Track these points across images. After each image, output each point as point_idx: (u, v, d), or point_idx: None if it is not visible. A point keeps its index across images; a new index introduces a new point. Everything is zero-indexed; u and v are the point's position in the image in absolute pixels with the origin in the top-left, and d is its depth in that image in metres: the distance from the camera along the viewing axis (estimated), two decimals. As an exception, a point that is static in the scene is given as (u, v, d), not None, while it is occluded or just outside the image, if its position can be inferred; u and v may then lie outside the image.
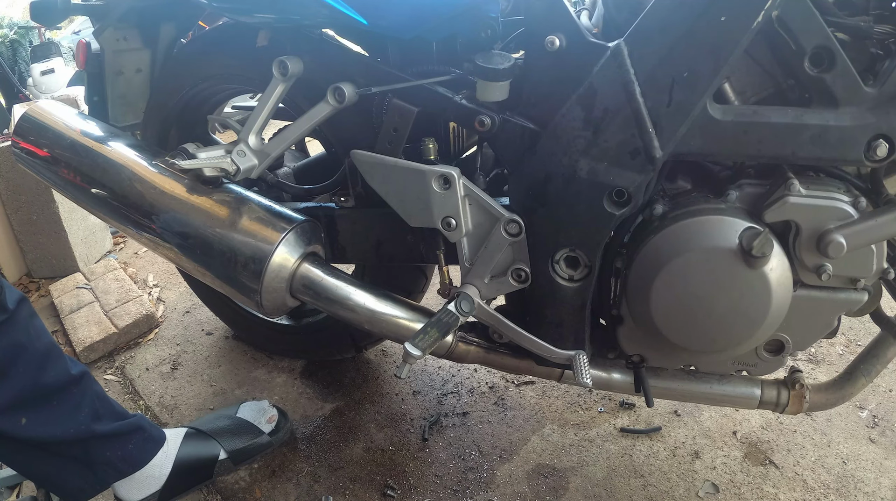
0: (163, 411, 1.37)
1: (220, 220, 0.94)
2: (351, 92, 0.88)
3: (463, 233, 0.87)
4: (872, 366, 0.89)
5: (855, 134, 0.67)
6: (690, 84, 0.69)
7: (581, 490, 1.12)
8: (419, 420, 1.29)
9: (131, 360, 1.55)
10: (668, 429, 1.24)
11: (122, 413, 1.00)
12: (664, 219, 0.79)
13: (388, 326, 0.97)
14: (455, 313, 0.87)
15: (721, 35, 0.67)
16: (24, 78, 4.36)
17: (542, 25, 0.75)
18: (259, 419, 1.20)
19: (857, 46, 0.69)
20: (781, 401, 0.91)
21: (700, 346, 0.82)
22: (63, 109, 1.15)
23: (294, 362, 1.49)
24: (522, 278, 0.87)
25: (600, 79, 0.73)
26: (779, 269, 0.74)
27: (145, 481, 1.03)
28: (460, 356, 0.99)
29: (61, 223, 1.85)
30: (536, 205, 0.82)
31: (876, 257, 0.74)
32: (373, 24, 0.82)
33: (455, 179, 0.84)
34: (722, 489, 1.11)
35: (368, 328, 0.97)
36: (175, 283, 1.86)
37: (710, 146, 0.72)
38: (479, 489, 1.13)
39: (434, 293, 1.48)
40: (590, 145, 0.76)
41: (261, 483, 1.17)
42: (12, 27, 4.81)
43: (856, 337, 1.50)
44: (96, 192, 1.04)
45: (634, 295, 0.81)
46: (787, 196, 0.72)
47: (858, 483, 1.11)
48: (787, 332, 0.82)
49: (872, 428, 1.23)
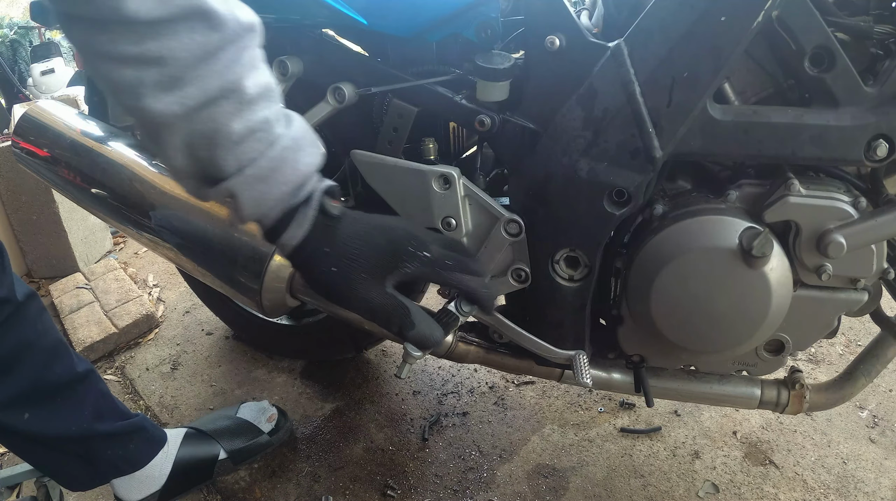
0: (163, 411, 1.37)
1: (220, 220, 0.94)
2: (351, 92, 0.88)
3: (463, 233, 0.87)
4: (872, 366, 0.89)
5: (855, 134, 0.67)
6: (690, 84, 0.69)
7: (581, 490, 1.12)
8: (419, 420, 1.29)
9: (131, 360, 1.55)
10: (668, 429, 1.24)
11: (124, 413, 1.00)
12: (664, 219, 0.79)
13: (388, 326, 0.97)
14: (455, 313, 0.87)
15: (721, 35, 0.67)
16: (24, 78, 4.36)
17: (542, 25, 0.75)
18: (259, 419, 1.20)
19: (857, 46, 0.69)
20: (781, 401, 0.91)
21: (700, 346, 0.82)
22: (63, 109, 1.15)
23: (294, 362, 1.49)
24: (522, 278, 0.87)
25: (600, 79, 0.73)
26: (779, 269, 0.74)
27: (145, 481, 1.03)
28: (460, 356, 0.99)
29: (61, 223, 1.85)
30: (536, 205, 0.82)
31: (876, 257, 0.74)
32: (373, 24, 0.82)
33: (455, 179, 0.84)
34: (722, 489, 1.11)
35: (368, 328, 0.97)
36: (175, 283, 1.86)
37: (710, 146, 0.72)
38: (479, 489, 1.13)
39: (434, 293, 1.48)
40: (590, 145, 0.76)
41: (261, 483, 1.17)
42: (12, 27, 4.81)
43: (856, 337, 1.50)
44: (96, 192, 1.04)
45: (634, 295, 0.81)
46: (787, 196, 0.72)
47: (858, 483, 1.11)
48: (787, 332, 0.82)
49: (872, 428, 1.23)
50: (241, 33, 0.51)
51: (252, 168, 0.55)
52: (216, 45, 0.49)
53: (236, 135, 0.54)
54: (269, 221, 0.61)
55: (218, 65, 0.50)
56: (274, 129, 0.56)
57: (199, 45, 0.49)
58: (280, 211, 0.60)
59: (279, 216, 0.60)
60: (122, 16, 0.45)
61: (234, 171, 0.55)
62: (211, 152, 0.54)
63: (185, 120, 0.52)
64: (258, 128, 0.55)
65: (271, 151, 0.56)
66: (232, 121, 0.53)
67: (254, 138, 0.55)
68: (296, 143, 0.58)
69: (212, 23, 0.48)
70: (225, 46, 0.50)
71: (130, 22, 0.46)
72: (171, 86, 0.49)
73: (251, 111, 0.54)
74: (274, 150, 0.56)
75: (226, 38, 0.50)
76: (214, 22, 0.49)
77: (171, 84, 0.49)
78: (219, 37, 0.49)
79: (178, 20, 0.47)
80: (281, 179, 0.57)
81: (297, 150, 0.58)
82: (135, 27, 0.47)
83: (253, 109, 0.54)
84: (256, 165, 0.55)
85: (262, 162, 0.56)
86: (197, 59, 0.49)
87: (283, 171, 0.57)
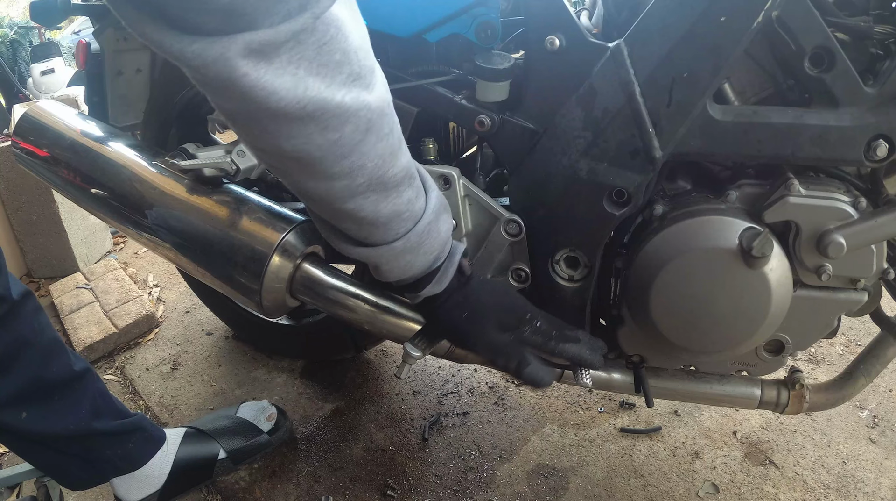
0: (163, 411, 1.37)
1: (220, 220, 0.94)
2: (351, 92, 0.88)
3: (463, 233, 0.87)
4: (872, 366, 0.88)
5: (855, 134, 0.67)
6: (690, 84, 0.69)
7: (581, 490, 1.12)
8: (419, 420, 1.29)
9: (131, 360, 1.55)
10: (668, 429, 1.24)
11: (123, 412, 1.00)
12: (664, 219, 0.79)
13: (388, 326, 0.97)
14: None
15: (721, 35, 0.67)
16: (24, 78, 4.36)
17: (542, 25, 0.75)
18: (259, 419, 1.20)
19: (857, 46, 0.69)
20: (781, 401, 0.91)
21: (700, 346, 0.81)
22: (63, 109, 1.14)
23: (294, 362, 1.49)
24: (522, 279, 0.87)
25: (600, 79, 0.73)
26: (779, 269, 0.74)
27: (145, 480, 1.03)
28: (460, 357, 0.98)
29: (61, 223, 1.85)
30: (536, 205, 0.82)
31: (876, 258, 0.74)
32: (373, 24, 0.82)
33: (455, 179, 0.84)
34: (722, 489, 1.11)
35: (368, 328, 0.97)
36: (175, 283, 1.86)
37: (710, 146, 0.72)
38: (479, 489, 1.13)
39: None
40: (590, 146, 0.76)
41: (261, 483, 1.17)
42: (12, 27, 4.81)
43: (856, 337, 1.50)
44: (96, 192, 1.04)
45: (634, 295, 0.81)
46: (787, 196, 0.72)
47: (858, 483, 1.11)
48: (787, 332, 0.82)
49: (872, 428, 1.23)
50: (375, 119, 0.53)
51: (400, 242, 0.61)
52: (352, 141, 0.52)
53: (384, 217, 0.59)
54: (410, 280, 0.68)
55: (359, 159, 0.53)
56: (416, 205, 0.62)
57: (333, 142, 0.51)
58: (422, 273, 0.67)
59: (421, 277, 0.67)
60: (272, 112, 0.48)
61: (381, 243, 0.61)
62: (359, 227, 0.60)
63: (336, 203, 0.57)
64: (404, 209, 0.60)
65: (418, 226, 0.62)
66: (379, 207, 0.58)
67: (399, 219, 0.60)
68: (437, 215, 0.64)
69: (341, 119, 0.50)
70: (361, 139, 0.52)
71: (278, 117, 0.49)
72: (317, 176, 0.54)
73: (397, 195, 0.59)
74: (420, 225, 0.62)
75: (359, 128, 0.52)
76: (343, 118, 0.50)
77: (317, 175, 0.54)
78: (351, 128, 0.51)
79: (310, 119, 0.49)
80: (427, 250, 0.64)
81: (438, 221, 0.65)
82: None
83: (398, 192, 0.59)
84: (405, 239, 0.61)
85: (411, 237, 0.62)
86: (338, 157, 0.52)
87: (428, 242, 0.64)
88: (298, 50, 0.46)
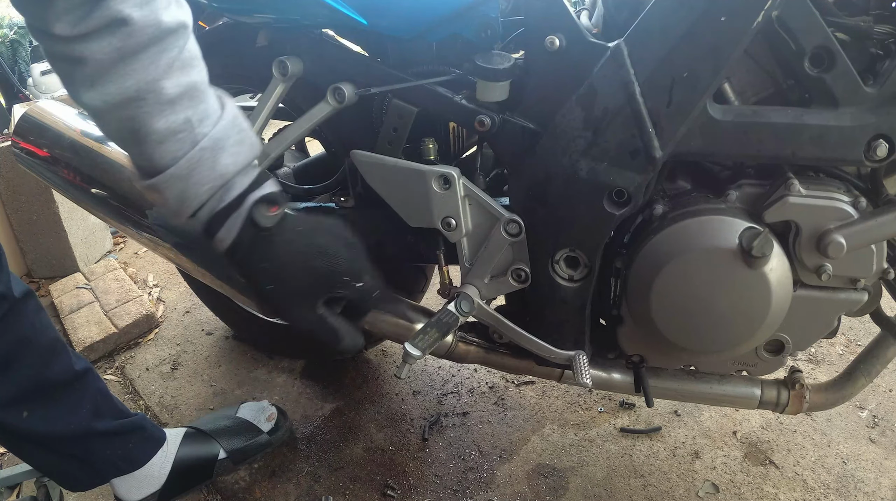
0: (163, 411, 1.37)
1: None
2: (351, 92, 0.88)
3: (463, 233, 0.87)
4: (872, 366, 0.89)
5: (855, 134, 0.67)
6: (690, 84, 0.69)
7: (581, 490, 1.12)
8: (419, 420, 1.29)
9: (131, 360, 1.55)
10: (668, 429, 1.24)
11: (123, 412, 1.00)
12: (664, 219, 0.79)
13: (388, 326, 0.97)
14: (455, 313, 0.87)
15: (721, 35, 0.67)
16: (24, 78, 4.36)
17: (542, 25, 0.75)
18: (259, 419, 1.20)
19: (857, 46, 0.69)
20: (781, 401, 0.91)
21: (700, 346, 0.82)
22: (63, 109, 1.15)
23: (294, 362, 1.49)
24: (522, 279, 0.87)
25: (600, 79, 0.73)
26: (779, 269, 0.74)
27: (145, 480, 1.03)
28: (460, 357, 0.99)
29: (61, 223, 1.85)
30: (536, 205, 0.82)
31: (876, 257, 0.74)
32: (373, 24, 0.82)
33: (455, 180, 0.84)
34: (722, 489, 1.11)
35: (368, 328, 0.97)
36: (175, 283, 1.86)
37: (710, 146, 0.72)
38: (479, 489, 1.13)
39: (434, 293, 1.48)
40: (590, 145, 0.76)
41: (261, 483, 1.17)
42: (12, 27, 4.82)
43: (856, 337, 1.50)
44: (96, 192, 1.04)
45: (634, 295, 0.81)
46: (787, 196, 0.72)
47: (858, 483, 1.11)
48: (787, 332, 0.82)
49: (872, 428, 1.23)
50: (161, 36, 0.54)
51: (175, 167, 0.58)
52: (132, 48, 0.53)
53: (158, 134, 0.57)
54: (199, 223, 0.63)
55: (134, 66, 0.54)
56: (196, 129, 0.58)
57: (115, 48, 0.53)
58: (208, 213, 0.62)
59: (208, 219, 0.62)
60: (52, 34, 0.52)
61: (162, 168, 0.58)
62: (140, 148, 0.58)
63: (110, 114, 0.56)
64: (179, 128, 0.57)
65: (192, 151, 0.58)
66: (153, 120, 0.56)
67: (175, 139, 0.57)
68: (215, 143, 0.59)
69: (128, 29, 0.52)
70: (141, 50, 0.54)
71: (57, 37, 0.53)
72: (94, 83, 0.54)
73: (172, 112, 0.57)
74: (195, 151, 0.58)
75: (141, 42, 0.53)
76: (131, 28, 0.53)
77: (93, 81, 0.54)
78: (134, 41, 0.53)
79: (97, 30, 0.52)
80: (197, 180, 0.59)
81: (216, 150, 0.60)
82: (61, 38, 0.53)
83: (174, 109, 0.57)
84: (178, 164, 0.58)
85: (182, 162, 0.58)
86: (113, 61, 0.53)
87: (199, 171, 0.59)
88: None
